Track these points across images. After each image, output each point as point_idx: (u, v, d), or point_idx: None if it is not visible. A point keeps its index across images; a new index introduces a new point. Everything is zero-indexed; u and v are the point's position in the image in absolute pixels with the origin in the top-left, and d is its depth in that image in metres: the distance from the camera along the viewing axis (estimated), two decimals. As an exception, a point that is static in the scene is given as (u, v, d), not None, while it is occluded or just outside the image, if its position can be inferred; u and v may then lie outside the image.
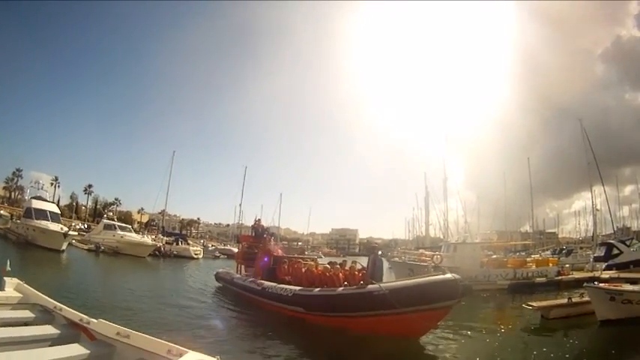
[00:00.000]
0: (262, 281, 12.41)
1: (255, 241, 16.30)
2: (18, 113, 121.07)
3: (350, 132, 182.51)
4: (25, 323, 4.52)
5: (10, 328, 4.14)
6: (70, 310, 4.74)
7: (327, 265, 11.77)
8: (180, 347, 3.41)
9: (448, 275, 8.77)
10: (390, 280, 9.93)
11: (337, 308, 9.57)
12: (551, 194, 67.71)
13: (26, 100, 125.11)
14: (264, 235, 16.03)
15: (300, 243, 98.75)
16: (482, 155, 66.18)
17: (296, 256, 14.28)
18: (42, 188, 32.17)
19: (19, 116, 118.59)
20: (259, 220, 17.21)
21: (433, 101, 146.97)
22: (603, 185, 31.40)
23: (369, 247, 11.49)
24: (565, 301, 12.20)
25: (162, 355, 3.45)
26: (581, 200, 60.45)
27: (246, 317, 11.30)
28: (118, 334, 3.90)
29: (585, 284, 11.78)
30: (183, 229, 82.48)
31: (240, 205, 47.44)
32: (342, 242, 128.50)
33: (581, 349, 8.78)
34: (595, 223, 34.98)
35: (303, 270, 11.77)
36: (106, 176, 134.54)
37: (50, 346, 3.79)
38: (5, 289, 5.31)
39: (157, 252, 33.18)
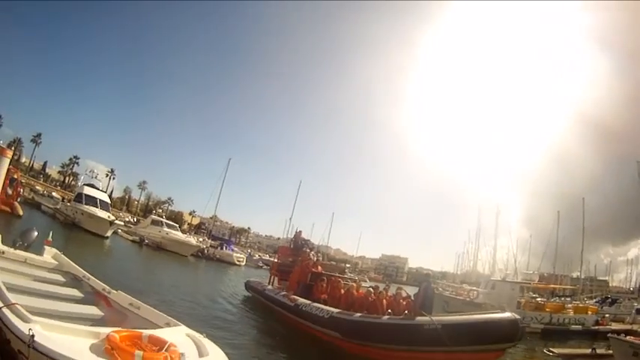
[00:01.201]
0: (296, 297, 11.12)
1: (292, 254, 15.02)
2: (82, 104, 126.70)
3: (406, 160, 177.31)
4: (57, 284, 5.52)
5: (44, 284, 5.24)
6: (96, 280, 5.74)
7: (371, 289, 10.35)
8: (176, 321, 4.40)
9: (508, 314, 7.77)
10: (441, 314, 8.38)
11: (380, 338, 8.26)
12: (607, 239, 62.15)
13: (95, 95, 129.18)
14: (304, 249, 14.80)
15: (348, 265, 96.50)
16: (539, 192, 61.88)
17: (336, 274, 12.84)
18: (96, 177, 32.16)
19: (83, 108, 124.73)
20: (300, 231, 16.06)
21: (493, 132, 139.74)
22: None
23: (422, 275, 9.99)
24: (588, 351, 11.13)
25: (160, 326, 4.29)
26: (638, 248, 54.34)
27: (271, 332, 10.16)
28: (130, 304, 4.83)
29: (609, 335, 10.81)
30: (233, 237, 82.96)
31: (290, 219, 46.68)
32: (390, 269, 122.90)
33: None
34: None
35: (343, 291, 10.40)
36: (163, 175, 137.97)
37: (75, 304, 4.73)
38: (44, 255, 6.57)
39: (199, 253, 32.95)
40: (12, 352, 3.30)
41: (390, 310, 9.17)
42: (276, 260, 16.79)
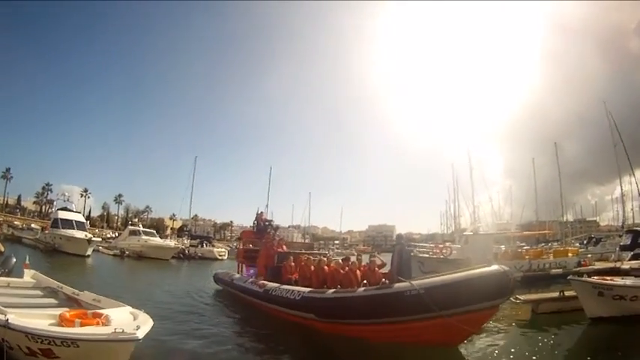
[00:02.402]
0: (264, 282, 9.95)
1: (257, 237, 13.60)
2: (45, 129, 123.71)
3: (385, 126, 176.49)
4: (36, 297, 6.34)
5: (25, 298, 6.08)
6: (68, 287, 6.71)
7: (340, 261, 9.26)
8: (124, 304, 5.44)
9: (495, 267, 6.65)
10: (421, 277, 7.46)
11: (358, 313, 7.14)
12: (591, 180, 61.53)
13: (51, 116, 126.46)
14: (268, 230, 13.37)
15: (336, 241, 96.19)
16: (517, 143, 61.37)
17: (303, 251, 11.68)
18: (68, 200, 32.86)
19: (47, 132, 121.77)
20: (262, 212, 14.51)
21: (469, 88, 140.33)
22: (632, 169, 27.04)
23: (396, 237, 8.83)
24: (556, 294, 10.28)
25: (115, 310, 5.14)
26: (625, 185, 55.22)
27: (242, 321, 9.09)
28: (94, 299, 5.87)
29: (569, 277, 9.88)
30: (217, 233, 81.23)
31: (266, 205, 45.65)
32: (378, 239, 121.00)
33: (563, 350, 7.35)
34: (624, 209, 30.99)
35: (312, 268, 9.24)
36: (138, 186, 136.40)
37: (52, 308, 5.49)
38: (24, 277, 7.54)
39: (181, 254, 32.67)
40: None
41: (365, 282, 8.03)
42: (240, 247, 15.49)
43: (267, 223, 13.84)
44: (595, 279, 9.25)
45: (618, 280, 9.30)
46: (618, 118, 27.74)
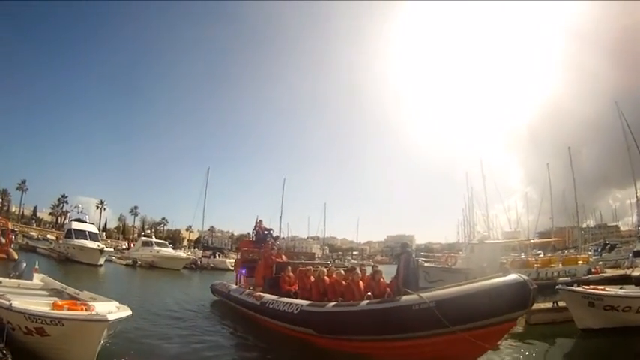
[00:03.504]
0: (261, 294, 9.15)
1: (256, 247, 12.65)
2: (62, 143, 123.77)
3: (404, 135, 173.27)
4: (43, 297, 6.75)
5: (35, 297, 6.36)
6: (71, 288, 7.37)
7: (342, 271, 8.41)
8: (113, 300, 5.93)
9: (514, 276, 5.77)
10: (431, 289, 6.54)
11: (360, 329, 6.28)
12: (613, 184, 58.07)
13: (68, 130, 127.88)
14: (267, 239, 12.48)
15: (355, 252, 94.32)
16: (538, 149, 58.97)
17: (303, 261, 10.85)
18: (82, 212, 32.72)
19: (64, 146, 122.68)
20: (261, 221, 13.52)
21: (486, 95, 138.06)
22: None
23: (402, 245, 7.88)
24: (550, 305, 9.82)
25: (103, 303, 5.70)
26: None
27: (238, 335, 8.33)
28: (90, 297, 6.38)
29: (558, 287, 9.32)
30: (234, 244, 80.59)
31: (280, 217, 45.06)
32: (397, 249, 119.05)
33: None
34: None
35: (312, 278, 8.42)
36: (154, 198, 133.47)
37: None
38: (34, 280, 8.22)
39: (193, 265, 32.65)
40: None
41: (369, 293, 7.15)
42: (239, 257, 14.64)
43: (266, 232, 13.02)
44: (585, 288, 8.64)
45: (609, 290, 8.65)
46: (635, 123, 26.33)
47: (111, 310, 5.05)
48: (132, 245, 40.32)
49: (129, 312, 5.37)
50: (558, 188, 30.95)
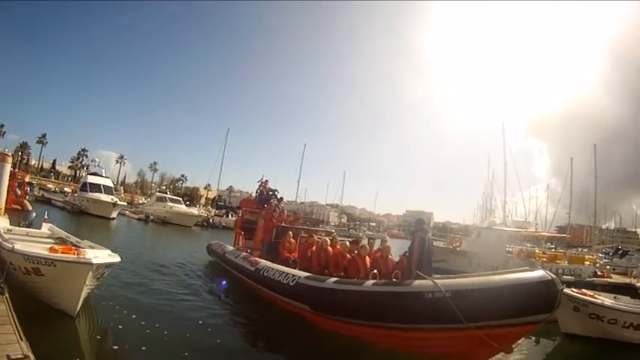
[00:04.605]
0: (258, 259, 8.33)
1: (258, 208, 11.65)
2: (84, 95, 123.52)
3: (430, 110, 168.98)
4: (48, 244, 6.69)
5: (40, 244, 6.45)
6: (74, 237, 7.63)
7: (347, 243, 7.47)
8: (106, 249, 6.10)
9: (540, 272, 4.84)
10: (444, 276, 5.54)
11: (363, 312, 5.41)
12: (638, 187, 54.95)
13: (96, 83, 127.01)
14: (271, 201, 11.40)
15: (373, 224, 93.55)
16: (566, 142, 55.97)
17: (306, 227, 9.91)
18: (99, 165, 32.22)
19: (85, 99, 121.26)
20: (266, 181, 12.38)
21: (517, 76, 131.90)
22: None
23: (416, 222, 6.68)
24: None
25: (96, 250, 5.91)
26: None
27: (230, 303, 7.60)
28: (89, 246, 6.42)
29: None
30: (253, 204, 79.73)
31: (298, 181, 44.79)
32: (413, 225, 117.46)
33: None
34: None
35: (314, 247, 7.47)
36: (175, 154, 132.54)
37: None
38: (42, 229, 8.68)
39: (205, 223, 32.41)
40: (2, 262, 5.46)
41: (375, 271, 6.26)
42: (239, 216, 13.77)
43: (270, 193, 12.04)
44: (570, 291, 7.98)
45: (597, 298, 8.01)
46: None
47: (98, 255, 5.29)
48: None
49: (117, 259, 5.67)
50: (583, 185, 29.05)
